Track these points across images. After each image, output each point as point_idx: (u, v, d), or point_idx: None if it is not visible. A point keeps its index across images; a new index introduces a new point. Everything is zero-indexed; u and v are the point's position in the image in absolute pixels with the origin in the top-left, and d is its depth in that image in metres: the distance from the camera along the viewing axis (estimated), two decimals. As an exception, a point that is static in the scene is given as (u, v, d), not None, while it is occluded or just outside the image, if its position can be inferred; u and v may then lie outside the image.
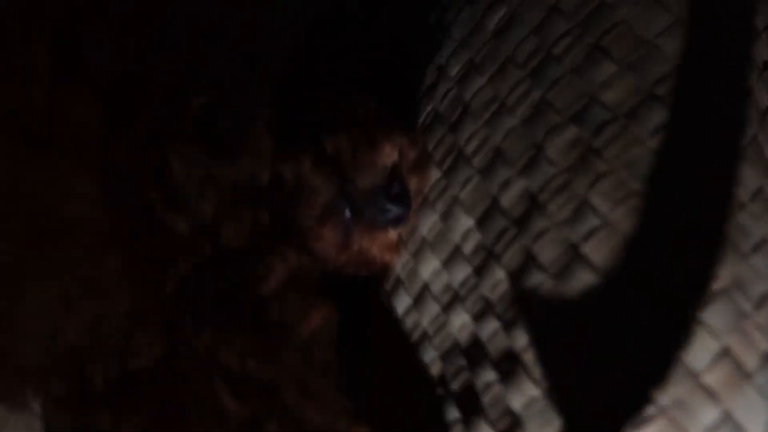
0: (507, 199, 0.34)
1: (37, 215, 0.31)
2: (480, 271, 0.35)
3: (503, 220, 0.34)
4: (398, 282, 0.41)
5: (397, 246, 0.40)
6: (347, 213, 0.37)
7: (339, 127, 0.38)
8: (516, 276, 0.33)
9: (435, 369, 0.37)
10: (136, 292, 0.34)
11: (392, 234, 0.39)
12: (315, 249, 0.37)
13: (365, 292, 0.44)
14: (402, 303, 0.40)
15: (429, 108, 0.41)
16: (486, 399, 0.33)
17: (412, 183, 0.39)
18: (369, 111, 0.40)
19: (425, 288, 0.39)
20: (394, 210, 0.37)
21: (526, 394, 0.31)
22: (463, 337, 0.35)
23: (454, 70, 0.39)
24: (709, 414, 0.26)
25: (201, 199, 0.31)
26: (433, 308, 0.38)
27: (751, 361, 0.27)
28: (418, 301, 0.39)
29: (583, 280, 0.30)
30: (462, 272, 0.36)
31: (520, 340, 0.31)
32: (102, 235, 0.33)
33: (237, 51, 0.40)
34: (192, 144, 0.32)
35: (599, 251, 0.30)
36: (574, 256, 0.30)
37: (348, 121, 0.39)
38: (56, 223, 0.32)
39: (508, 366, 0.32)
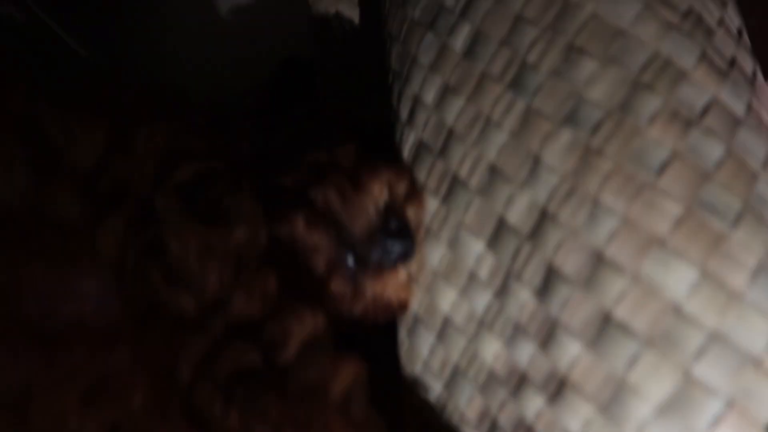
0: (514, 216, 0.33)
1: (35, 320, 0.29)
2: (502, 295, 0.34)
3: (515, 237, 0.33)
4: (417, 320, 0.39)
5: (410, 283, 0.38)
6: (351, 263, 0.36)
7: (322, 177, 0.37)
8: (541, 293, 0.31)
9: (476, 406, 0.35)
10: (151, 385, 0.32)
11: (402, 272, 0.37)
12: (327, 307, 0.36)
13: (386, 340, 0.42)
14: (425, 341, 0.38)
15: (412, 139, 0.40)
16: (540, 428, 0.31)
17: (410, 215, 0.37)
18: (348, 154, 0.39)
19: (447, 321, 0.37)
20: (397, 246, 0.36)
21: (582, 414, 0.29)
22: (500, 367, 0.33)
23: (430, 97, 0.38)
24: None
25: (203, 272, 0.29)
26: (459, 341, 0.36)
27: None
28: (442, 336, 0.37)
29: (614, 285, 0.29)
30: (482, 298, 0.35)
31: (563, 358, 0.30)
32: (106, 331, 0.31)
33: (208, 113, 0.39)
34: (185, 217, 0.31)
35: (625, 252, 0.29)
36: (599, 261, 0.29)
37: (329, 169, 0.37)
38: (56, 326, 0.30)
39: (556, 388, 0.30)
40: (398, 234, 0.36)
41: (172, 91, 0.42)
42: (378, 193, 0.36)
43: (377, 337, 0.40)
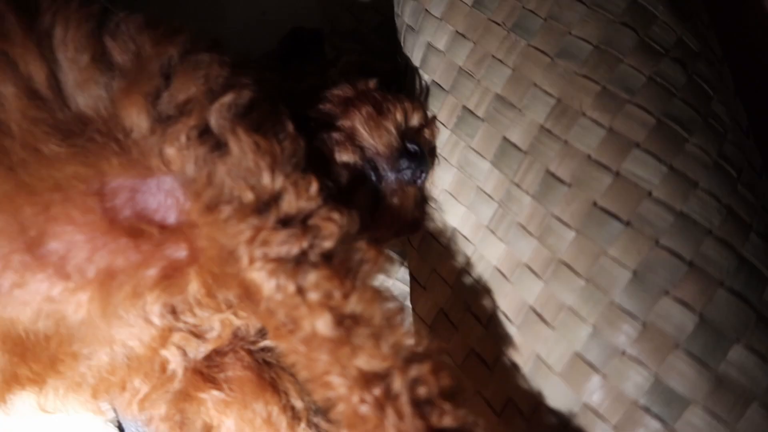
0: (516, 135, 0.40)
1: (114, 212, 0.35)
2: (505, 203, 0.40)
3: (517, 152, 0.39)
4: (427, 237, 0.45)
5: (424, 202, 0.44)
6: (374, 179, 0.42)
7: (350, 106, 0.43)
8: (540, 196, 0.38)
9: (485, 301, 0.41)
10: (205, 275, 0.37)
11: (417, 191, 0.44)
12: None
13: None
14: (435, 254, 0.45)
15: (425, 79, 0.46)
16: (538, 305, 0.37)
17: (424, 139, 0.44)
18: (371, 87, 0.45)
19: (455, 233, 0.43)
20: (414, 165, 0.42)
21: (576, 287, 0.36)
22: (504, 264, 0.40)
23: (442, 43, 0.45)
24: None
25: (259, 169, 0.35)
26: (467, 249, 0.42)
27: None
28: (450, 247, 0.44)
29: (601, 181, 0.36)
30: (488, 209, 0.41)
31: (559, 245, 0.36)
32: (172, 225, 0.36)
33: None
34: (240, 126, 0.36)
35: (610, 154, 0.36)
36: (588, 164, 0.36)
37: (356, 99, 0.43)
38: (132, 218, 0.35)
39: (553, 271, 0.37)
40: (415, 155, 0.42)
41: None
42: (399, 118, 0.42)
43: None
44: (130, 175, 0.36)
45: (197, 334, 0.39)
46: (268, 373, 0.43)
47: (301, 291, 0.33)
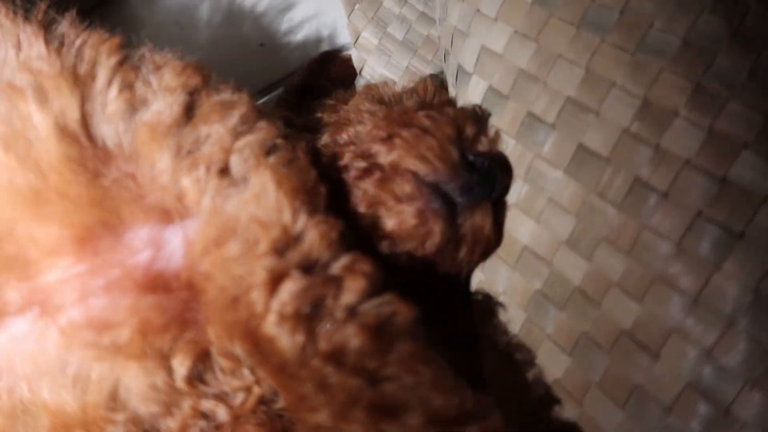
0: (595, 141, 0.36)
1: (137, 269, 0.32)
2: (585, 216, 0.36)
3: (598, 160, 0.36)
4: (493, 258, 0.41)
5: (502, 219, 0.40)
6: (442, 205, 0.38)
7: (390, 135, 0.39)
8: (630, 207, 0.34)
9: (566, 329, 0.37)
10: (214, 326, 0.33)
11: (493, 207, 0.39)
12: (428, 249, 0.37)
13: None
14: (502, 277, 0.41)
15: (482, 85, 0.42)
16: (637, 330, 0.33)
17: (483, 148, 0.40)
18: (409, 107, 0.41)
19: (525, 251, 0.39)
20: (483, 179, 0.38)
21: (684, 309, 0.32)
22: (590, 286, 0.36)
23: (500, 45, 0.41)
24: None
25: (281, 206, 0.31)
26: (542, 268, 0.38)
27: None
28: (521, 268, 0.40)
29: (707, 189, 0.32)
30: (566, 223, 0.37)
31: (656, 262, 0.33)
32: (189, 279, 0.32)
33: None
34: (263, 162, 0.33)
35: (713, 158, 0.32)
36: (690, 170, 0.32)
37: (395, 126, 0.40)
38: (154, 274, 0.32)
39: (654, 291, 0.33)
40: (481, 167, 0.38)
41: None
42: (450, 131, 0.38)
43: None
44: (152, 221, 0.32)
45: (223, 400, 0.35)
46: (281, 423, 0.38)
47: (334, 354, 0.29)
